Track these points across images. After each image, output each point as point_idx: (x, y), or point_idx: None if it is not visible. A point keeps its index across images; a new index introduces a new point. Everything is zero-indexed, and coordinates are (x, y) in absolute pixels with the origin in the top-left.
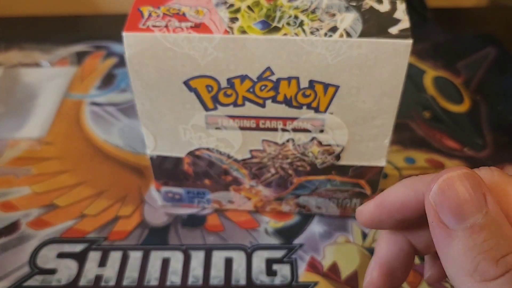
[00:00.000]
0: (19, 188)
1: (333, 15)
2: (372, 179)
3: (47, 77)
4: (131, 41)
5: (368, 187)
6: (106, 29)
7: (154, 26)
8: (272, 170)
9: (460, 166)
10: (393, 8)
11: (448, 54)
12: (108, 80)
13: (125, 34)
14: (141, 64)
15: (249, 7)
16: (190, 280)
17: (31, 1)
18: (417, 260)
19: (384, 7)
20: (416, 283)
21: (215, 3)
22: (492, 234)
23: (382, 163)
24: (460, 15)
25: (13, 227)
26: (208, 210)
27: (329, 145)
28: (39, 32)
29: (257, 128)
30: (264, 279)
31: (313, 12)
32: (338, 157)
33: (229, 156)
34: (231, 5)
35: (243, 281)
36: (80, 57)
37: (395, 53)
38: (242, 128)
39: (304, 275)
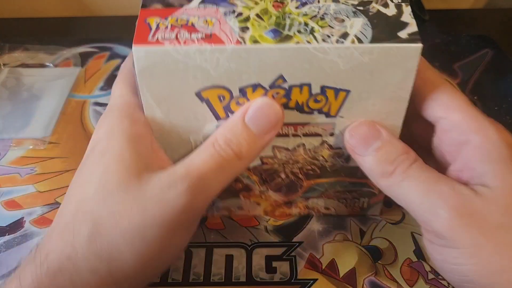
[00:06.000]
0: (23, 187)
1: (342, 20)
2: None
3: (51, 78)
4: (141, 55)
5: (376, 186)
6: (110, 30)
7: (163, 38)
8: (283, 175)
9: (358, 120)
10: (400, 12)
11: (445, 55)
12: (111, 81)
13: (134, 48)
14: (152, 77)
15: (258, 15)
16: (191, 277)
17: (35, 3)
18: (414, 258)
19: (391, 11)
20: (413, 280)
21: (223, 13)
22: (388, 149)
23: None
24: (457, 16)
25: (17, 225)
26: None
27: (339, 148)
28: (43, 34)
29: None
30: (264, 276)
31: (322, 18)
32: (347, 159)
33: None
34: (240, 14)
35: (243, 278)
36: (83, 58)
37: (405, 57)
38: None
39: (303, 272)
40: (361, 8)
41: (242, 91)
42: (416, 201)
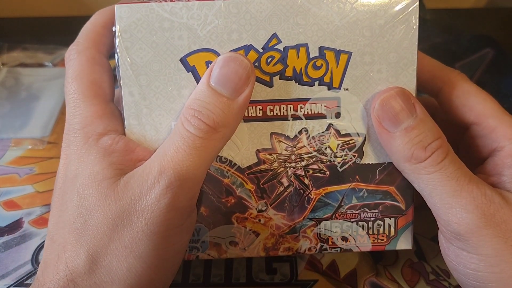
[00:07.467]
0: (22, 187)
1: None
2: (403, 185)
3: (50, 77)
4: (123, 13)
5: (401, 197)
6: None
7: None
8: (285, 181)
9: (393, 86)
10: None
11: (446, 55)
12: None
13: (117, 6)
14: (133, 39)
15: None
16: (191, 278)
17: (35, 2)
18: (415, 259)
19: None
20: (414, 281)
21: None
22: (421, 130)
23: None
24: (458, 16)
25: (16, 225)
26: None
27: (348, 134)
28: (43, 33)
29: (265, 118)
30: (264, 277)
31: None
32: (361, 153)
33: (231, 164)
34: None
35: (243, 279)
36: None
37: (403, 8)
38: (247, 119)
39: (303, 273)
40: None
41: None
42: (443, 198)
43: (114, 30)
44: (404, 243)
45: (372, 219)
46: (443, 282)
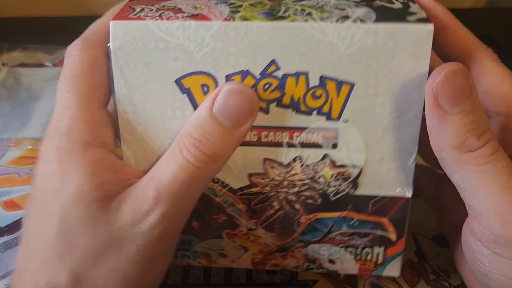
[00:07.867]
0: (21, 187)
1: (343, 9)
2: (397, 217)
3: (50, 77)
4: (118, 31)
5: (393, 228)
6: None
7: (146, 16)
8: (276, 205)
9: (455, 62)
10: (406, 6)
11: None
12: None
13: (112, 23)
14: (128, 58)
15: (251, 5)
16: (191, 278)
17: (35, 2)
18: (415, 259)
19: (396, 6)
20: (415, 281)
21: (215, 2)
22: (476, 117)
23: (406, 193)
24: (457, 16)
25: (15, 225)
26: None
27: (343, 166)
28: (43, 33)
29: (259, 143)
30: (264, 277)
31: (321, 7)
32: (355, 184)
33: (224, 185)
34: (232, 4)
35: (243, 279)
36: None
37: (416, 41)
38: (241, 143)
39: (303, 273)
40: (364, 3)
41: (229, 80)
42: (490, 194)
43: (108, 46)
44: (391, 270)
45: (360, 246)
46: (443, 282)
